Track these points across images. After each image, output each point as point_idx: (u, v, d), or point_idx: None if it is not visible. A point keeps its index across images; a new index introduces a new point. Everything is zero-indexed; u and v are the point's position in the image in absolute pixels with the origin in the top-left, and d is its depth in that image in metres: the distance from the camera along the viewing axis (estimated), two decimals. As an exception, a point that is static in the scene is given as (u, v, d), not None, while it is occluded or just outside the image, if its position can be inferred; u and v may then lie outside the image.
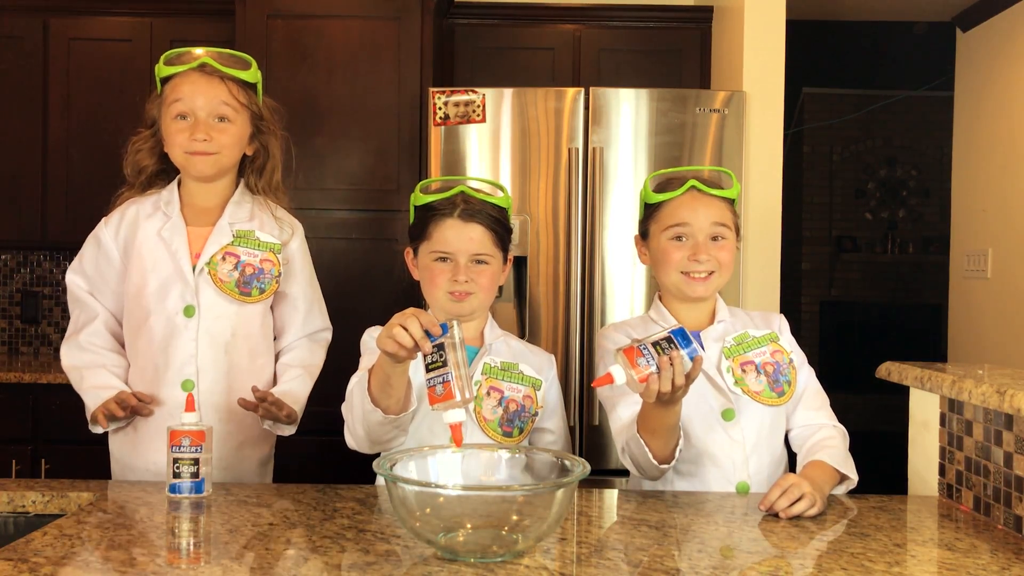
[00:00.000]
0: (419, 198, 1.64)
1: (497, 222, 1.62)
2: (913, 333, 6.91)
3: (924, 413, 1.67)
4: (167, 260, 1.77)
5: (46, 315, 3.67)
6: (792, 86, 3.29)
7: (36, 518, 1.45)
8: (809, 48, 4.72)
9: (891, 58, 5.95)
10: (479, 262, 1.60)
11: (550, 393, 1.70)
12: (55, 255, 3.66)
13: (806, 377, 1.70)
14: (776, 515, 1.41)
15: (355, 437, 1.51)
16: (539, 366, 1.69)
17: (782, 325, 1.73)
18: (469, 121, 2.83)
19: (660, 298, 1.74)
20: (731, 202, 1.67)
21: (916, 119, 7.05)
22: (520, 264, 2.82)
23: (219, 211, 1.82)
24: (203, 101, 1.73)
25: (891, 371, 1.73)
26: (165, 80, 1.77)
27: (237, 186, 1.86)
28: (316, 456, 2.59)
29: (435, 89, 2.84)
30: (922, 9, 4.05)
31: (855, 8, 4.07)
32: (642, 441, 1.47)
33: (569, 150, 2.83)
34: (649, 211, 1.69)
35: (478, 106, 2.82)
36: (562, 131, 2.84)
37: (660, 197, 1.66)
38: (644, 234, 1.72)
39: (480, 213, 1.60)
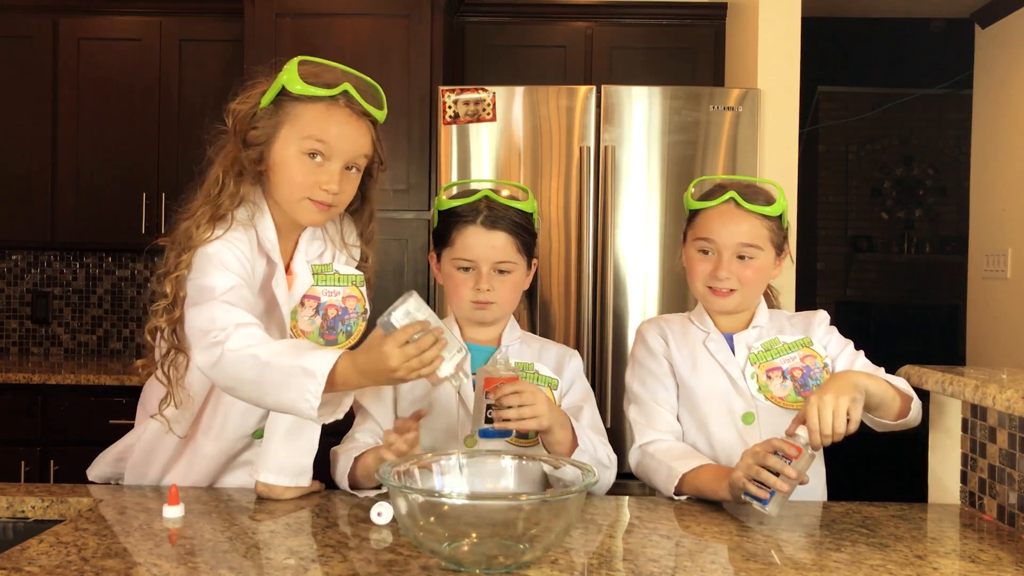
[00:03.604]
0: (442, 203, 1.60)
1: (521, 228, 1.58)
2: (930, 334, 6.82)
3: (945, 418, 1.62)
4: (273, 317, 1.50)
5: (56, 315, 3.66)
6: (807, 84, 3.23)
7: (35, 524, 1.43)
8: (825, 45, 4.67)
9: (908, 55, 5.87)
10: (502, 271, 1.57)
11: (573, 389, 1.65)
12: (65, 255, 3.66)
13: (849, 358, 1.64)
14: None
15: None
16: (557, 364, 1.65)
17: (822, 325, 1.68)
18: (479, 120, 2.80)
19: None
20: (773, 218, 1.62)
21: (933, 117, 6.97)
22: (531, 265, 2.79)
23: (294, 248, 1.55)
24: (348, 148, 1.44)
25: (911, 375, 1.68)
26: (297, 98, 1.43)
27: None
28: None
29: (445, 88, 2.81)
30: (940, 6, 3.99)
31: (871, 5, 4.02)
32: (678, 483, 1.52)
33: (581, 149, 2.80)
34: (689, 216, 1.69)
35: (488, 105, 2.79)
36: (574, 130, 2.81)
37: (697, 205, 1.65)
38: (685, 237, 1.70)
39: (503, 219, 1.56)
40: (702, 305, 1.69)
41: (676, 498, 1.52)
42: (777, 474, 1.34)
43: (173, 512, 1.35)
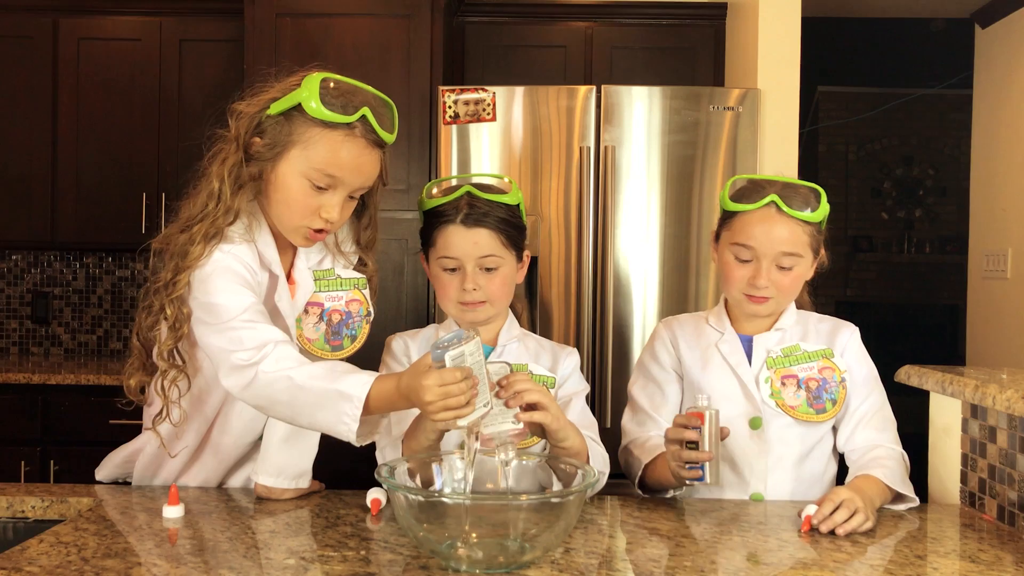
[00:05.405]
0: (425, 202, 1.57)
1: (505, 222, 1.53)
2: (930, 334, 6.84)
3: (945, 418, 1.62)
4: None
5: (56, 315, 3.66)
6: (807, 84, 3.23)
7: (36, 524, 1.43)
8: (824, 45, 4.66)
9: (908, 55, 5.87)
10: (488, 268, 1.53)
11: (569, 383, 1.62)
12: (65, 255, 3.66)
13: (872, 398, 1.60)
14: (816, 529, 1.34)
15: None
16: (553, 363, 1.62)
17: (850, 341, 1.63)
18: (479, 120, 2.80)
19: (725, 301, 1.68)
20: (813, 223, 1.56)
21: (933, 117, 6.97)
22: (531, 264, 2.77)
23: (293, 256, 1.52)
24: (357, 181, 1.40)
25: (911, 375, 1.68)
26: (311, 119, 1.36)
27: None
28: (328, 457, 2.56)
29: (445, 88, 2.81)
30: (940, 5, 3.99)
31: (871, 5, 4.02)
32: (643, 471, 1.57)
33: (581, 149, 2.80)
34: (724, 217, 1.62)
35: (488, 105, 2.79)
36: (573, 130, 2.81)
37: (735, 207, 1.57)
38: (718, 237, 1.64)
39: (487, 216, 1.51)
40: (736, 309, 1.64)
41: (640, 493, 1.59)
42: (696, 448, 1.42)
43: (173, 512, 1.35)
